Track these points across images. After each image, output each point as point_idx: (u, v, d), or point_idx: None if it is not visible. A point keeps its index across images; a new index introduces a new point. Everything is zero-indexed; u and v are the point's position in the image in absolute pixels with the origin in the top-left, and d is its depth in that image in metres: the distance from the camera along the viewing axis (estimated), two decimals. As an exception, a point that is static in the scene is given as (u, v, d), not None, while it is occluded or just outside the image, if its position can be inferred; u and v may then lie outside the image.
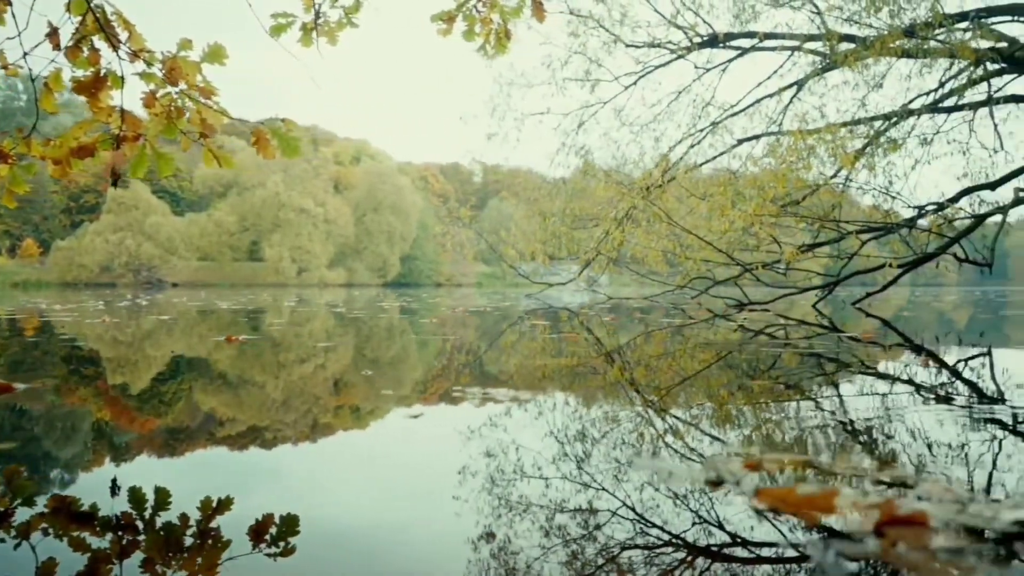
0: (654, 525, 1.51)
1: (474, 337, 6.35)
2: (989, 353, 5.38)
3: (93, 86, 3.15)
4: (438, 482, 1.85)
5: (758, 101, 11.44)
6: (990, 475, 1.84)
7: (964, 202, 9.06)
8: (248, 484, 1.84)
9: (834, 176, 8.77)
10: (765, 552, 1.35)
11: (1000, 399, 3.16)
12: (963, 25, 10.27)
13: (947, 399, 3.09)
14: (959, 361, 4.61)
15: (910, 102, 10.30)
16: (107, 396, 3.26)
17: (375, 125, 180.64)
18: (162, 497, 1.70)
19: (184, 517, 1.55)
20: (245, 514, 1.57)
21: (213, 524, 1.53)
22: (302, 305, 14.17)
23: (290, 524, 1.53)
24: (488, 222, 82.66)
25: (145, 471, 1.94)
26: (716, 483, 1.66)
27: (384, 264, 78.27)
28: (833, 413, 2.69)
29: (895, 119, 9.62)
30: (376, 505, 1.68)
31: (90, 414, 2.82)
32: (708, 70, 12.01)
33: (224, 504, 1.64)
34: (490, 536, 1.47)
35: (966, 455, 2.06)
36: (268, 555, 1.37)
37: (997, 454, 2.06)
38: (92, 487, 1.80)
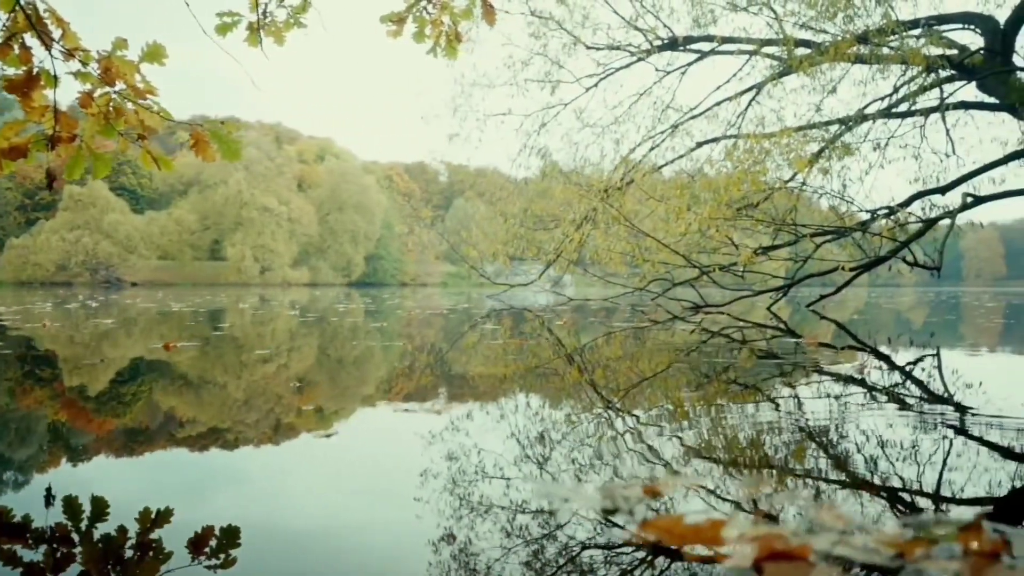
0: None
1: (425, 349, 6.30)
2: (937, 355, 5.48)
3: (25, 85, 3.05)
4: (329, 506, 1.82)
5: (717, 104, 11.54)
6: (893, 496, 1.84)
7: (916, 206, 9.24)
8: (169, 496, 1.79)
9: (790, 180, 8.89)
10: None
11: (930, 401, 3.20)
12: (916, 32, 10.47)
13: (882, 403, 3.13)
14: (906, 364, 4.68)
15: (865, 107, 10.47)
16: None
17: (340, 123, 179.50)
18: (99, 507, 1.65)
19: (122, 529, 1.52)
20: (185, 525, 1.54)
21: (152, 536, 1.49)
22: (258, 307, 13.98)
23: (231, 536, 1.50)
24: (453, 222, 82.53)
25: (82, 479, 1.88)
26: (610, 511, 1.65)
27: (348, 264, 77.71)
28: (760, 429, 2.69)
29: (850, 124, 9.77)
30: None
31: None
32: (668, 72, 12.09)
33: (163, 515, 1.61)
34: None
35: (880, 471, 2.07)
36: (208, 567, 1.34)
37: (908, 472, 2.08)
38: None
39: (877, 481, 1.95)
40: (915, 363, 4.74)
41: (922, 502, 1.79)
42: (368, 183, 79.80)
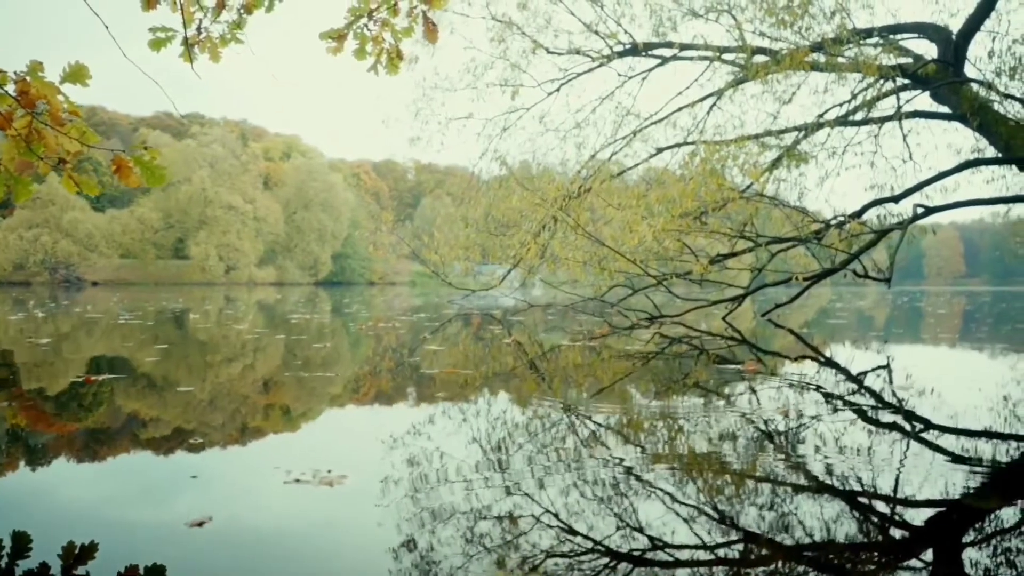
0: None
1: (373, 368, 6.22)
2: (887, 366, 5.52)
3: (-64, 107, 2.92)
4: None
5: (679, 110, 11.54)
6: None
7: (871, 214, 9.33)
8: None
9: (746, 190, 8.91)
10: None
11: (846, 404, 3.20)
12: (873, 40, 10.58)
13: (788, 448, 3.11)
14: (855, 377, 4.68)
15: (823, 114, 10.55)
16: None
17: (307, 121, 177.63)
18: (22, 543, 1.59)
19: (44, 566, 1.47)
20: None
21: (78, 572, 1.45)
22: (217, 313, 13.76)
23: (156, 574, 1.46)
24: (421, 220, 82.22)
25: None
26: None
27: (315, 262, 77.02)
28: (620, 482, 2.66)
29: (806, 132, 9.84)
30: None
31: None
32: (630, 77, 12.08)
33: (87, 551, 1.55)
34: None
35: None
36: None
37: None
38: None
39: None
40: (858, 379, 4.76)
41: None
42: (335, 181, 79.12)
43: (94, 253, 65.54)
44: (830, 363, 6.43)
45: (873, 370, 5.44)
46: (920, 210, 8.19)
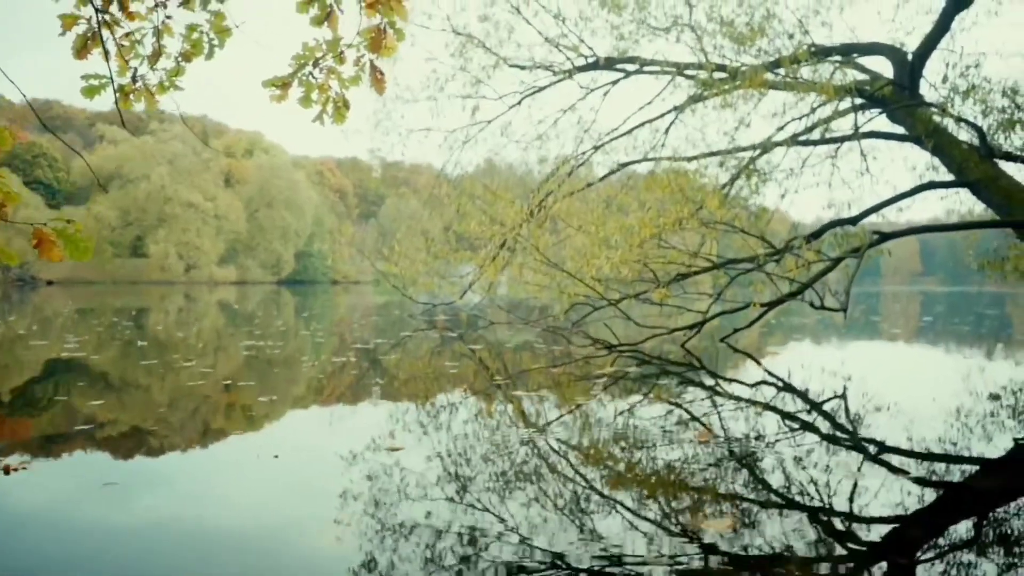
0: None
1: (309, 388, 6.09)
2: (843, 395, 5.52)
3: None
4: None
5: (641, 125, 11.52)
6: None
7: (828, 235, 9.38)
8: None
9: (699, 209, 8.87)
10: None
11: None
12: (834, 58, 10.65)
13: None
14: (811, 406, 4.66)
15: (780, 129, 10.57)
16: None
17: (270, 117, 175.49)
18: None
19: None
20: None
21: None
22: (172, 317, 13.46)
23: None
24: (386, 219, 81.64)
25: None
26: None
27: (278, 261, 76.10)
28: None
29: (762, 150, 9.87)
30: None
31: None
32: (592, 90, 12.02)
33: None
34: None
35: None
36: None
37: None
38: None
39: None
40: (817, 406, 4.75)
41: None
42: (298, 178, 78.25)
43: (49, 252, 63.96)
44: (788, 387, 6.46)
45: (828, 399, 5.45)
46: (875, 236, 8.26)
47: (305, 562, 2.00)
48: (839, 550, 2.10)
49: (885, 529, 2.32)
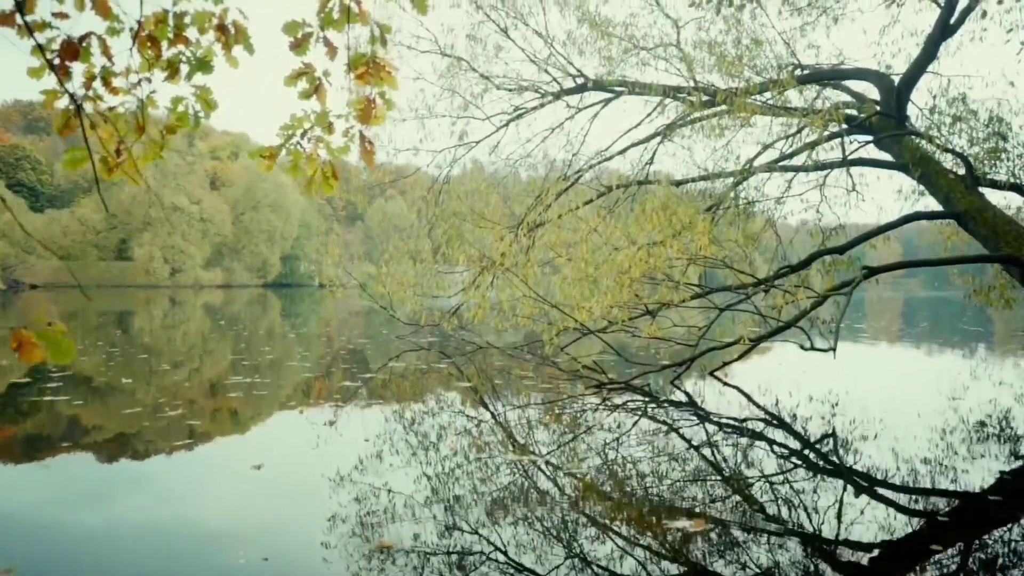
0: None
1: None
2: (833, 434, 5.52)
3: None
4: None
5: (631, 146, 11.52)
6: None
7: (815, 266, 9.39)
8: None
9: (678, 231, 8.85)
10: None
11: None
12: (817, 87, 10.69)
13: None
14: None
15: (768, 145, 10.58)
16: None
17: (256, 119, 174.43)
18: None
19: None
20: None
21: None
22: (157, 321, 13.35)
23: None
24: (374, 224, 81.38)
25: None
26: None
27: (264, 264, 75.66)
28: None
29: (744, 176, 9.88)
30: None
31: None
32: (580, 110, 12.02)
33: None
34: None
35: None
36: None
37: None
38: None
39: None
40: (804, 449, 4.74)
41: None
42: (285, 181, 77.80)
43: (32, 255, 63.43)
44: (780, 422, 6.47)
45: (819, 440, 5.45)
46: (864, 270, 8.27)
47: None
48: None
49: (866, 555, 2.33)
